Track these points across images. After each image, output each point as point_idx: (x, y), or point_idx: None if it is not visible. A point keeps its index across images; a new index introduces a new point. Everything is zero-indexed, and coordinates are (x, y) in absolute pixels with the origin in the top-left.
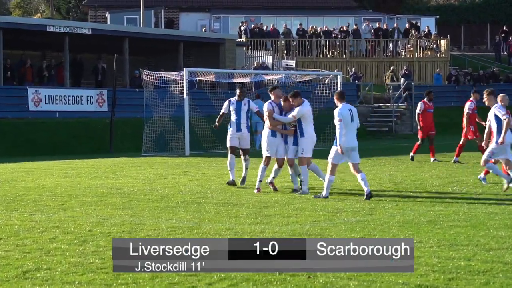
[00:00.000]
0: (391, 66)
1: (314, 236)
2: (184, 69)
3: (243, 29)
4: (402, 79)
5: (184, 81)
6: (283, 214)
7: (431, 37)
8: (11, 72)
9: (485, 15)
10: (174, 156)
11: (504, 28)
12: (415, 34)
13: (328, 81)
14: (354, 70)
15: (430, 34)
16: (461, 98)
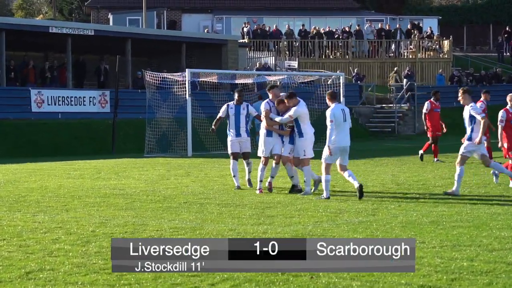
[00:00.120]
0: (395, 67)
1: (317, 236)
2: (186, 70)
3: (246, 30)
4: (405, 80)
5: (186, 82)
6: (286, 214)
7: (434, 37)
8: (14, 73)
9: (487, 16)
10: (177, 157)
11: (506, 28)
12: (418, 35)
13: (330, 82)
14: (356, 71)
15: (432, 35)
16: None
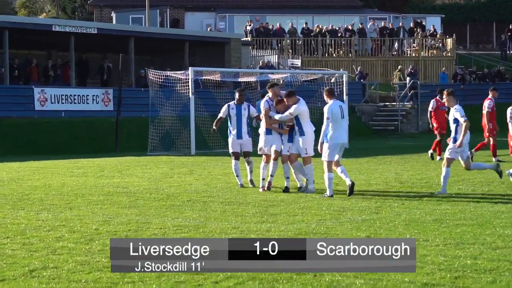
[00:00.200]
0: (398, 66)
1: (320, 235)
2: (189, 68)
3: (250, 28)
4: (408, 78)
5: (189, 80)
6: (289, 213)
7: (437, 36)
8: (18, 71)
9: (491, 14)
10: (180, 155)
11: (510, 27)
12: (421, 33)
13: (333, 80)
14: (359, 69)
15: (435, 33)
16: (467, 97)
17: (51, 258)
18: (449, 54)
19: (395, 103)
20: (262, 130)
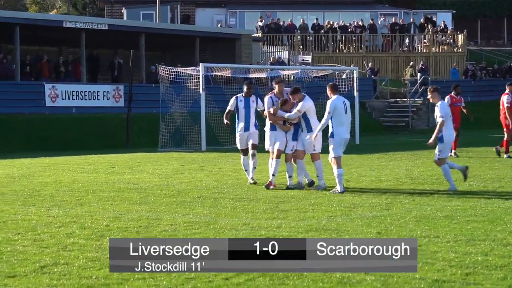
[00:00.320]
0: (409, 61)
1: (331, 231)
2: (200, 64)
3: (261, 24)
4: (419, 74)
5: (200, 76)
6: (300, 209)
7: (448, 31)
8: (29, 67)
9: (501, 10)
10: (191, 151)
11: None
12: (432, 29)
13: (344, 76)
14: (370, 65)
15: (446, 29)
16: (478, 93)
17: (62, 255)
18: (460, 50)
19: (406, 99)
20: (267, 126)
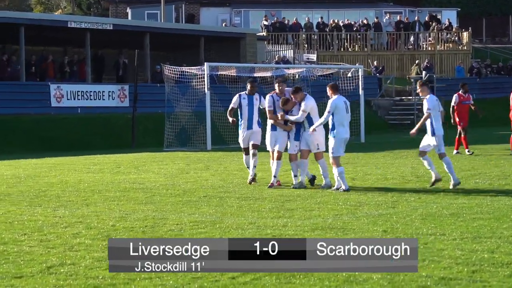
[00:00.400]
0: (414, 59)
1: (337, 230)
2: (205, 63)
3: (266, 23)
4: (424, 72)
5: (205, 75)
6: (306, 207)
7: (453, 29)
8: (34, 68)
9: (506, 8)
10: (196, 150)
11: None
12: (436, 27)
13: (350, 74)
14: (375, 63)
15: (451, 27)
16: (483, 91)
17: (68, 255)
18: (465, 48)
19: (411, 97)
20: (268, 126)
